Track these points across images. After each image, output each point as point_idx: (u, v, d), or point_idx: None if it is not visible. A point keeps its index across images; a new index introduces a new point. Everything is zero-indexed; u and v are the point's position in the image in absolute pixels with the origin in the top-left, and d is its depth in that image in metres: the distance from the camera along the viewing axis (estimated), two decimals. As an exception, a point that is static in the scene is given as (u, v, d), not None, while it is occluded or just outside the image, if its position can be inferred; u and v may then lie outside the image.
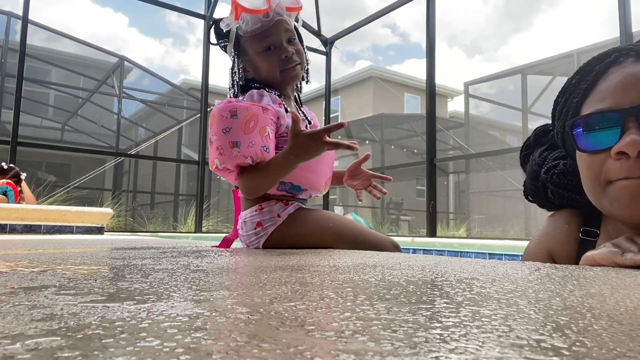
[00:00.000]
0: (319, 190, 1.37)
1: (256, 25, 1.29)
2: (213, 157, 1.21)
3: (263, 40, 1.30)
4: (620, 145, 0.61)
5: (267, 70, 1.33)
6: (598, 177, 0.66)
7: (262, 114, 1.20)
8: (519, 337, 0.25)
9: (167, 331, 0.26)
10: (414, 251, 3.56)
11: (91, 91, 10.34)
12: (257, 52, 1.32)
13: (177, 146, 10.03)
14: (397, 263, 0.74)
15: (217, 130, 1.19)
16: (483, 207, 9.82)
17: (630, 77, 0.64)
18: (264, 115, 1.21)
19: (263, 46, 1.31)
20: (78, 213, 3.01)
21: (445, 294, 0.41)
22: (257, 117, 1.19)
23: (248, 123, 1.18)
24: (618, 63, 0.68)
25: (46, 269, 0.60)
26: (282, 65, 1.32)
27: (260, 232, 1.28)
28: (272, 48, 1.31)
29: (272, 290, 0.43)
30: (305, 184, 1.31)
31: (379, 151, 12.85)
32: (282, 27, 1.31)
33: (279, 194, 1.31)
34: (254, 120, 1.18)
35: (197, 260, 0.80)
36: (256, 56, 1.33)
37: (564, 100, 0.75)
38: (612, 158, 0.63)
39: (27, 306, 0.33)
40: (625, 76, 0.65)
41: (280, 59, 1.31)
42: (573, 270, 0.64)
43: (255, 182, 1.20)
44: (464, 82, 9.44)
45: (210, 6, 5.36)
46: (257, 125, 1.18)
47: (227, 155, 1.17)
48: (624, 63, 0.67)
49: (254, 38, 1.31)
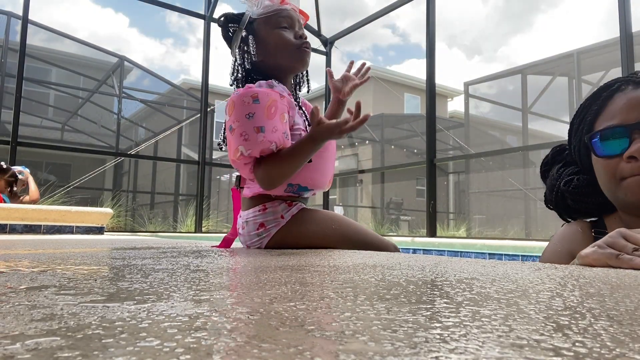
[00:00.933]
0: (323, 189, 1.37)
1: (272, 7, 1.30)
2: (237, 144, 1.14)
3: (278, 18, 1.31)
4: (631, 151, 0.82)
5: (283, 45, 1.30)
6: (614, 175, 0.85)
7: (280, 100, 1.19)
8: (519, 337, 0.25)
9: (167, 331, 0.26)
10: (414, 251, 3.56)
11: (91, 91, 10.34)
12: (273, 29, 1.30)
13: (177, 146, 10.03)
14: (397, 263, 0.74)
15: (239, 116, 1.15)
16: (483, 207, 9.82)
17: (632, 99, 0.85)
18: (282, 102, 1.20)
19: (279, 24, 1.31)
20: (78, 213, 3.01)
21: (445, 294, 0.41)
22: (276, 103, 1.18)
23: (270, 108, 1.16)
24: (621, 90, 0.87)
25: (46, 269, 0.60)
26: (297, 43, 1.31)
27: (263, 233, 1.27)
28: (288, 27, 1.32)
29: (272, 290, 0.43)
30: (312, 184, 1.30)
31: (379, 151, 12.85)
32: (295, 17, 1.34)
33: (285, 195, 1.30)
34: (274, 105, 1.17)
35: (197, 260, 0.80)
36: (270, 34, 1.30)
37: (579, 120, 0.94)
38: (624, 161, 0.83)
39: (27, 306, 0.33)
40: (629, 99, 0.85)
41: (297, 35, 1.32)
42: (573, 270, 0.64)
43: (281, 170, 1.15)
44: (464, 82, 9.44)
45: (210, 6, 5.35)
46: (277, 111, 1.17)
47: (252, 141, 1.12)
48: (626, 90, 0.87)
49: (268, 18, 1.31)
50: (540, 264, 0.75)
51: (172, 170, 10.25)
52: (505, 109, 10.02)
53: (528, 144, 8.78)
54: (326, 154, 1.32)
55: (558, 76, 8.75)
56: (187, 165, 10.90)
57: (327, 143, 1.29)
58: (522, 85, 8.84)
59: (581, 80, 8.27)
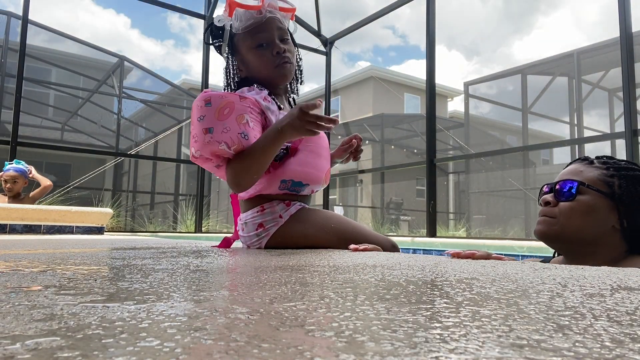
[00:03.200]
0: (320, 184, 1.37)
1: (249, 21, 1.29)
2: (190, 146, 1.22)
3: (255, 36, 1.31)
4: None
5: (260, 66, 1.32)
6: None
7: (239, 102, 1.20)
8: (519, 337, 0.25)
9: (167, 331, 0.26)
10: (414, 251, 3.56)
11: (91, 91, 10.34)
12: (250, 48, 1.32)
13: (177, 146, 10.03)
14: (397, 263, 0.74)
15: (193, 120, 1.21)
16: (483, 207, 9.82)
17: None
18: (241, 104, 1.20)
19: (255, 43, 1.31)
20: (78, 213, 3.01)
21: (445, 294, 0.41)
22: (232, 105, 1.19)
23: (222, 110, 1.18)
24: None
25: (46, 269, 0.60)
26: (275, 61, 1.32)
27: (262, 233, 1.28)
28: (265, 45, 1.31)
29: (272, 290, 0.43)
30: (306, 179, 1.31)
31: (379, 151, 12.85)
32: (274, 24, 1.32)
33: (281, 193, 1.31)
34: (229, 107, 1.18)
35: (197, 260, 0.80)
36: (249, 53, 1.32)
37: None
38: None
39: (27, 306, 0.33)
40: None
41: (272, 54, 1.31)
42: (573, 270, 0.64)
43: (243, 164, 1.16)
44: (464, 82, 9.44)
45: (210, 6, 5.36)
46: (232, 112, 1.18)
47: (200, 142, 1.17)
48: None
49: (246, 35, 1.31)
50: (540, 263, 0.75)
51: (172, 170, 10.25)
52: (505, 109, 10.02)
53: (528, 144, 8.78)
54: (315, 148, 1.32)
55: (558, 76, 8.75)
56: (187, 165, 10.90)
57: (317, 137, 1.27)
58: (522, 85, 8.84)
59: (581, 80, 8.28)
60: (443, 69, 29.59)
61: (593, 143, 8.91)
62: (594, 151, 12.43)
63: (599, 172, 1.08)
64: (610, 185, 1.05)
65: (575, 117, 8.54)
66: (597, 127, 9.92)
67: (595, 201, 1.05)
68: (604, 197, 1.05)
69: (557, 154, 13.00)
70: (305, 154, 1.29)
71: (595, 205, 1.05)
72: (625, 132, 3.16)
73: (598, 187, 1.05)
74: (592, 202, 1.05)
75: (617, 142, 7.82)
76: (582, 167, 1.11)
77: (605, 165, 1.09)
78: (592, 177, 1.07)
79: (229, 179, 1.20)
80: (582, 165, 1.12)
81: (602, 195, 1.05)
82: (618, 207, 1.04)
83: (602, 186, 1.05)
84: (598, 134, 8.13)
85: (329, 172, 1.44)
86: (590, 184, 1.06)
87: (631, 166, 1.09)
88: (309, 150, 1.30)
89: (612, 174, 1.07)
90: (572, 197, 1.06)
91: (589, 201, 1.05)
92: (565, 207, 1.06)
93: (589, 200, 1.05)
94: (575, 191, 1.07)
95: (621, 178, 1.06)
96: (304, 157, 1.29)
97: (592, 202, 1.05)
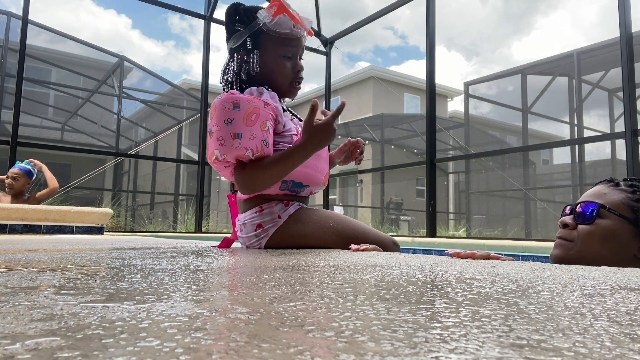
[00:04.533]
0: (319, 185, 1.37)
1: (286, 30, 1.30)
2: (213, 148, 1.19)
3: (286, 46, 1.32)
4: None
5: (277, 74, 1.33)
6: None
7: (263, 108, 1.21)
8: (519, 337, 0.25)
9: (167, 331, 0.26)
10: (414, 251, 3.56)
11: (91, 91, 10.34)
12: (278, 55, 1.32)
13: (177, 146, 10.03)
14: (397, 263, 0.74)
15: (218, 121, 1.17)
16: (483, 207, 9.82)
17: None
18: (265, 110, 1.21)
19: (284, 52, 1.32)
20: (78, 213, 3.01)
21: (445, 294, 0.41)
22: (258, 111, 1.19)
23: (250, 115, 1.18)
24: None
25: (46, 269, 0.60)
26: (293, 76, 1.35)
27: (261, 233, 1.28)
28: (291, 57, 1.34)
29: (272, 290, 0.43)
30: (306, 180, 1.31)
31: (379, 151, 12.85)
32: (302, 44, 1.36)
33: (281, 194, 1.31)
34: (255, 113, 1.19)
35: (197, 260, 0.80)
36: (275, 57, 1.32)
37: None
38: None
39: (27, 306, 0.33)
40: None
41: (294, 71, 1.34)
42: (574, 270, 0.64)
43: (265, 175, 1.18)
44: (464, 82, 9.44)
45: (210, 6, 5.36)
46: (258, 119, 1.19)
47: (227, 147, 1.15)
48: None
49: (278, 41, 1.31)
50: (540, 263, 0.75)
51: (172, 170, 10.25)
52: (505, 109, 10.02)
53: (528, 144, 8.78)
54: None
55: (558, 76, 8.75)
56: (187, 165, 10.90)
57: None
58: (522, 85, 8.84)
59: (581, 80, 8.28)
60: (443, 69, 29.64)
61: (593, 143, 8.91)
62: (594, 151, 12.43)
63: (624, 195, 1.00)
64: (635, 211, 0.98)
65: (575, 117, 8.54)
66: (597, 127, 9.93)
67: (617, 226, 0.98)
68: (627, 222, 0.97)
69: (557, 154, 13.00)
70: None
71: (616, 231, 0.97)
72: (625, 132, 3.16)
73: (621, 211, 0.98)
74: (613, 227, 0.98)
75: (617, 142, 7.83)
76: (606, 189, 1.04)
77: (631, 189, 1.01)
78: (615, 201, 1.00)
79: (244, 182, 1.20)
80: (607, 187, 1.04)
81: (624, 221, 0.97)
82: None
83: (625, 211, 0.98)
84: (598, 134, 8.14)
85: (328, 174, 1.45)
86: (612, 207, 0.99)
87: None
88: None
89: (638, 198, 0.99)
90: (591, 220, 0.99)
91: (610, 226, 0.98)
92: (584, 231, 1.00)
93: (609, 225, 0.98)
94: (595, 214, 1.00)
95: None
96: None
97: (613, 228, 0.98)
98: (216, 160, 1.19)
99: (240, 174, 1.20)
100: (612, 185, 1.04)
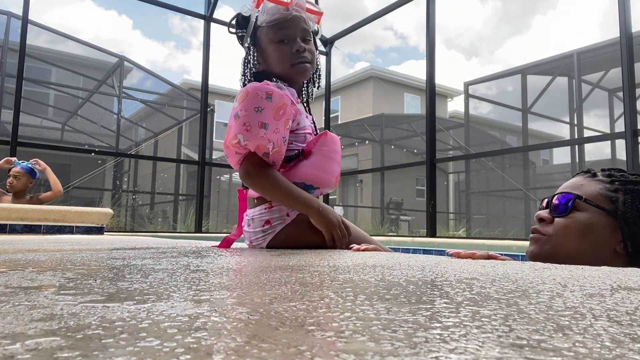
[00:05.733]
0: (330, 187, 1.37)
1: (274, 16, 1.29)
2: (236, 132, 1.16)
3: (278, 31, 1.31)
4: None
5: (278, 61, 1.32)
6: None
7: (290, 106, 1.22)
8: (519, 337, 0.25)
9: (167, 331, 0.26)
10: (414, 251, 3.56)
11: (91, 91, 10.34)
12: (271, 42, 1.31)
13: (177, 146, 10.03)
14: (397, 263, 0.74)
15: (248, 107, 1.17)
16: (483, 207, 9.82)
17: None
18: (291, 109, 1.23)
19: (277, 38, 1.31)
20: (78, 213, 3.01)
21: (445, 294, 0.41)
22: (286, 107, 1.20)
23: (279, 110, 1.19)
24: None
25: (46, 269, 0.60)
26: (293, 59, 1.31)
27: (268, 229, 1.29)
28: (286, 41, 1.31)
29: (272, 290, 0.43)
30: (317, 182, 1.31)
31: (379, 151, 12.85)
32: (299, 23, 1.32)
33: None
34: (283, 109, 1.20)
35: (197, 260, 0.80)
36: (269, 46, 1.32)
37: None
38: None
39: (27, 306, 0.33)
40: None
41: (292, 52, 1.31)
42: (574, 270, 0.64)
43: (268, 185, 1.20)
44: (464, 82, 9.44)
45: (210, 6, 5.36)
46: (284, 115, 1.20)
47: (253, 134, 1.15)
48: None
49: (270, 29, 1.31)
50: (540, 263, 0.75)
51: (172, 170, 10.25)
52: (505, 109, 10.03)
53: (528, 144, 8.78)
54: (329, 152, 1.33)
55: (558, 76, 8.75)
56: (187, 165, 10.90)
57: (331, 141, 1.34)
58: (522, 85, 8.85)
59: (581, 80, 8.28)
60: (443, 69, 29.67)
61: (593, 143, 8.90)
62: (594, 151, 12.42)
63: (601, 186, 0.95)
64: (613, 201, 0.91)
65: (575, 117, 8.55)
66: (597, 127, 9.93)
67: (594, 219, 0.91)
68: (605, 214, 0.91)
69: (557, 154, 13.01)
70: (319, 158, 1.30)
71: (593, 223, 0.91)
72: (625, 132, 3.16)
73: (598, 202, 0.92)
74: (590, 219, 0.92)
75: (617, 142, 7.83)
76: (583, 180, 0.98)
77: (609, 179, 0.95)
78: (592, 192, 0.94)
79: (248, 175, 1.21)
80: (584, 179, 0.98)
81: (602, 213, 0.91)
82: (622, 227, 0.89)
83: (603, 202, 0.92)
84: (598, 134, 8.14)
85: (339, 175, 1.44)
86: (589, 198, 0.93)
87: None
88: (322, 154, 1.30)
89: (616, 188, 0.93)
90: (566, 212, 0.94)
91: (587, 219, 0.92)
92: (559, 225, 0.94)
93: (586, 217, 0.92)
94: (571, 206, 0.94)
95: (627, 193, 0.91)
96: (317, 161, 1.29)
97: (590, 220, 0.91)
98: (237, 145, 1.17)
99: (251, 167, 1.20)
100: (589, 176, 0.98)
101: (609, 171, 0.98)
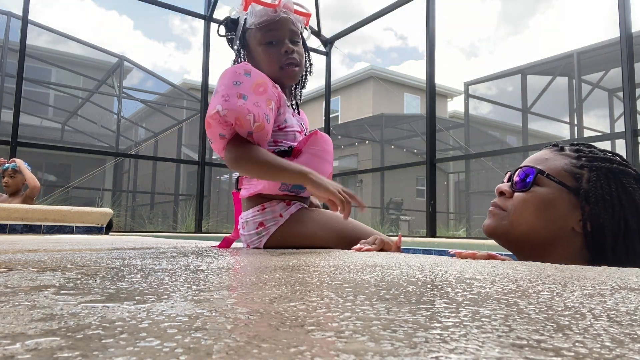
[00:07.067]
0: None
1: (262, 18, 1.30)
2: (215, 104, 1.14)
3: (266, 33, 1.31)
4: None
5: (267, 63, 1.32)
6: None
7: (271, 87, 1.22)
8: (519, 337, 0.25)
9: (167, 331, 0.26)
10: (414, 251, 3.56)
11: (91, 91, 10.34)
12: (259, 44, 1.32)
13: (177, 146, 10.03)
14: (397, 263, 0.74)
15: (226, 82, 1.16)
16: (483, 207, 9.81)
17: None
18: (273, 89, 1.22)
19: (265, 39, 1.31)
20: (78, 213, 3.01)
21: (445, 294, 0.41)
22: (266, 86, 1.20)
23: (258, 86, 1.18)
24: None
25: (46, 269, 0.60)
26: (281, 60, 1.31)
27: (262, 231, 1.28)
28: (274, 43, 1.31)
29: (272, 290, 0.43)
30: None
31: (379, 151, 12.84)
32: (287, 25, 1.32)
33: (282, 194, 1.31)
34: (263, 87, 1.19)
35: (197, 260, 0.80)
36: (258, 48, 1.32)
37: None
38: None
39: (27, 306, 0.33)
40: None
41: (280, 53, 1.31)
42: (574, 270, 0.64)
43: (252, 165, 1.16)
44: (464, 82, 9.45)
45: (210, 6, 5.36)
46: (265, 93, 1.19)
47: (231, 103, 1.12)
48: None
49: (258, 31, 1.31)
50: (540, 263, 0.75)
51: (172, 170, 10.26)
52: (505, 109, 10.03)
53: (528, 144, 8.78)
54: (319, 152, 1.32)
55: (558, 76, 8.75)
56: (187, 165, 10.90)
57: (322, 141, 1.33)
58: (522, 85, 8.85)
59: (581, 80, 8.28)
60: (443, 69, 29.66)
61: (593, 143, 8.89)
62: (594, 151, 12.38)
63: (567, 161, 0.90)
64: (577, 178, 0.87)
65: (575, 117, 8.55)
66: (597, 127, 9.93)
67: (555, 195, 0.87)
68: (567, 191, 0.86)
69: (557, 154, 12.97)
70: (309, 157, 1.29)
71: (553, 199, 0.87)
72: (625, 132, 3.16)
73: (561, 178, 0.87)
74: (550, 195, 0.87)
75: (617, 142, 7.82)
76: (550, 154, 0.93)
77: (576, 154, 0.91)
78: (556, 167, 0.89)
79: (232, 159, 1.17)
80: (551, 152, 0.93)
81: (564, 189, 0.87)
82: (582, 206, 0.85)
83: (566, 178, 0.87)
84: (598, 134, 8.14)
85: (331, 175, 1.44)
86: (552, 174, 0.88)
87: (609, 157, 0.90)
88: (312, 154, 1.29)
89: (582, 165, 0.88)
90: (527, 187, 0.89)
91: (546, 194, 0.87)
92: (518, 199, 0.90)
93: (546, 193, 0.87)
94: (532, 181, 0.89)
95: (592, 170, 0.87)
96: (307, 160, 1.28)
97: (550, 196, 0.87)
98: (216, 115, 1.13)
99: (234, 149, 1.17)
100: (557, 150, 0.93)
101: (578, 146, 0.94)
